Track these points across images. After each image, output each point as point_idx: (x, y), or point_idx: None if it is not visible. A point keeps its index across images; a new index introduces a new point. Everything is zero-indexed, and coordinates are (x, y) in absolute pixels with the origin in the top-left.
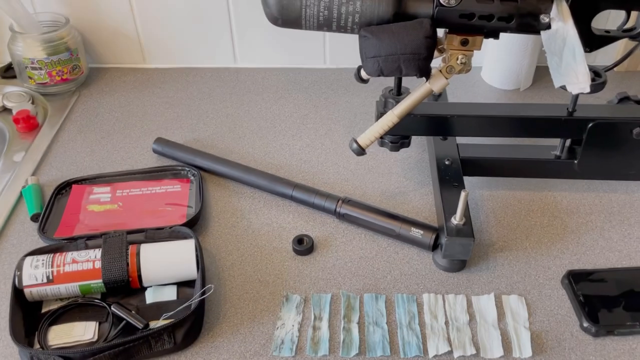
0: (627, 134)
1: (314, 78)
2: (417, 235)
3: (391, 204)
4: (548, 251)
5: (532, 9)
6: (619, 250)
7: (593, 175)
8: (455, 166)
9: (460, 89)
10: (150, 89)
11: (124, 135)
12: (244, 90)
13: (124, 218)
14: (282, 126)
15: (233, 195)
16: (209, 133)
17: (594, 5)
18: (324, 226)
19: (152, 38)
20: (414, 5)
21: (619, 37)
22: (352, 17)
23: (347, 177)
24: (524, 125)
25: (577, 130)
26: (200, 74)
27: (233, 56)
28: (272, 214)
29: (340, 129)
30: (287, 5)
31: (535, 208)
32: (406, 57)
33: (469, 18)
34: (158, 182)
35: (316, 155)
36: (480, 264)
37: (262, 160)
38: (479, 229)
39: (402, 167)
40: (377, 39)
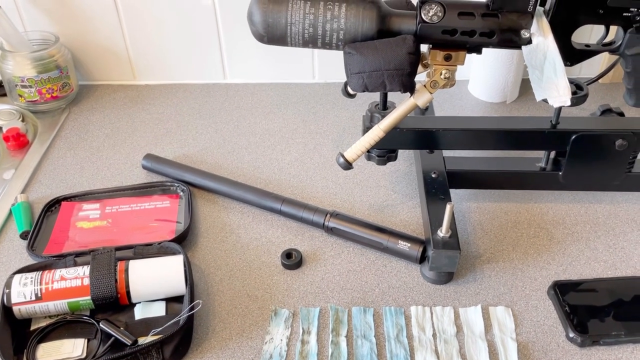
0: (610, 145)
1: (302, 93)
2: (404, 248)
3: (379, 217)
4: (534, 262)
5: (513, 24)
6: (604, 261)
7: (578, 187)
8: (442, 179)
9: (448, 102)
10: (140, 106)
11: (113, 152)
12: (233, 106)
13: (113, 234)
14: (271, 141)
15: (222, 210)
16: (198, 148)
17: (573, 20)
18: (312, 240)
19: (142, 55)
20: (398, 22)
21: (599, 51)
22: (336, 34)
23: (335, 191)
24: (509, 138)
25: (560, 142)
26: (189, 90)
27: (222, 72)
28: (261, 229)
29: (329, 143)
30: (272, 24)
31: (522, 219)
32: (390, 73)
33: (452, 34)
34: (147, 198)
35: (305, 170)
36: (467, 276)
37: (251, 175)
38: (466, 241)
39: (389, 180)
40: (361, 56)
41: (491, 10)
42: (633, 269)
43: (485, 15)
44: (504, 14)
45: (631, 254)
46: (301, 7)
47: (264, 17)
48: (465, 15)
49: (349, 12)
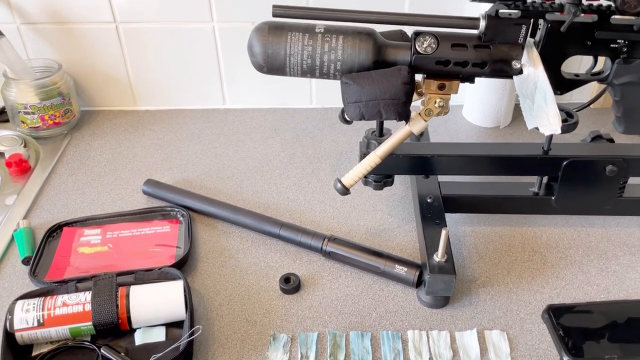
0: (601, 171)
1: (300, 118)
2: (401, 273)
3: (376, 241)
4: (529, 286)
5: (504, 55)
6: (597, 284)
7: (570, 211)
8: (437, 204)
9: (443, 126)
10: (140, 131)
11: (114, 177)
12: (232, 131)
13: (114, 260)
14: (269, 165)
15: (221, 235)
16: (198, 173)
17: (562, 51)
18: (310, 264)
19: (143, 81)
20: (393, 53)
21: (588, 80)
22: (334, 65)
23: (333, 215)
24: (502, 164)
25: (552, 168)
26: (189, 116)
27: (222, 97)
28: (260, 253)
29: (327, 167)
30: (272, 55)
31: (516, 243)
32: (386, 102)
33: (445, 64)
34: (148, 223)
35: (303, 194)
36: (463, 300)
37: (250, 200)
38: (462, 265)
39: (386, 205)
40: (358, 86)
41: (483, 42)
42: (625, 292)
43: (478, 46)
44: (496, 46)
45: (623, 277)
46: (300, 39)
47: (263, 48)
48: (458, 46)
49: (346, 44)
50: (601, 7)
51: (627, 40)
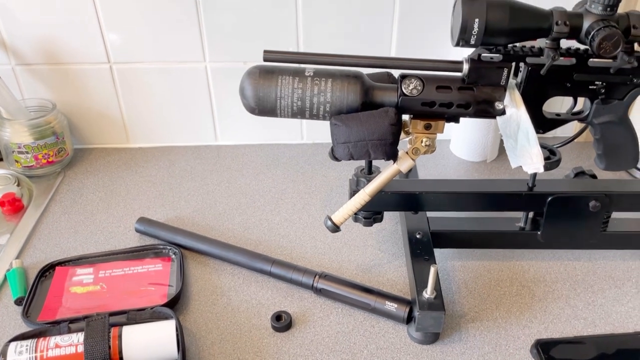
0: (584, 206)
1: (291, 153)
2: (391, 309)
3: (367, 277)
4: (517, 320)
5: (487, 97)
6: (584, 318)
7: (556, 245)
8: (426, 240)
9: (431, 161)
10: (133, 168)
11: (107, 215)
12: (224, 167)
13: (107, 299)
14: (261, 202)
15: (213, 273)
16: (190, 210)
17: (543, 93)
18: (302, 301)
19: (136, 119)
20: (380, 95)
21: (569, 119)
22: (323, 107)
23: (324, 251)
24: (488, 200)
25: (537, 204)
26: (182, 152)
27: (214, 134)
28: (251, 291)
29: (317, 203)
30: (263, 98)
31: (504, 277)
32: (374, 143)
33: (430, 106)
34: (140, 261)
35: (294, 230)
36: (453, 336)
37: (242, 236)
38: (451, 300)
39: (376, 240)
40: (347, 127)
41: (467, 84)
42: (612, 325)
43: (461, 88)
44: (479, 88)
45: (610, 310)
46: (290, 82)
47: (255, 91)
48: (442, 88)
49: (334, 87)
50: (579, 50)
51: (604, 82)
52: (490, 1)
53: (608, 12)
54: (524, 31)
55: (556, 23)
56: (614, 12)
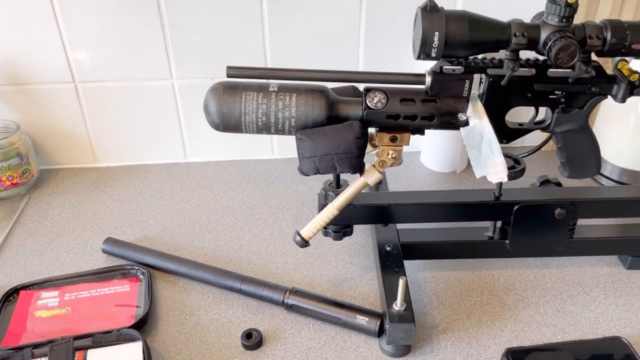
0: (550, 214)
1: (262, 169)
2: (362, 323)
3: (338, 291)
4: (488, 330)
5: (450, 108)
6: (554, 325)
7: (524, 254)
8: (396, 252)
9: (402, 173)
10: (101, 188)
11: (73, 236)
12: (194, 185)
13: (73, 322)
14: (231, 218)
15: (182, 292)
16: (159, 229)
17: (505, 103)
18: (272, 318)
19: (103, 138)
20: (345, 109)
21: (531, 129)
22: (288, 122)
23: (295, 266)
24: (457, 211)
25: (504, 213)
26: (151, 171)
27: (183, 151)
28: (222, 309)
29: (289, 218)
30: (227, 114)
31: (475, 287)
32: (339, 157)
33: (395, 118)
34: (107, 282)
35: (265, 246)
36: (424, 347)
37: (212, 254)
38: (422, 312)
39: (348, 254)
40: (312, 141)
41: (430, 96)
42: (581, 332)
43: (425, 100)
44: (442, 99)
45: (578, 317)
46: (254, 97)
47: (218, 107)
48: (406, 101)
49: (299, 101)
50: (538, 61)
51: (564, 91)
52: (450, 14)
53: (564, 23)
54: (483, 43)
55: (514, 35)
56: (570, 23)
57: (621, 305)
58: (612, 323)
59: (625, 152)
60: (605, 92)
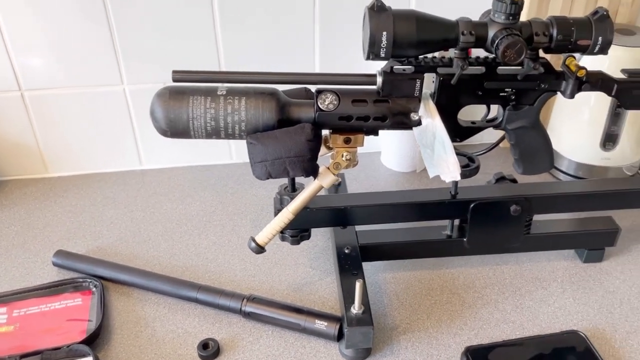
0: (506, 211)
1: (220, 174)
2: (321, 327)
3: (298, 296)
4: (448, 329)
5: (402, 108)
6: (513, 321)
7: (482, 251)
8: (355, 254)
9: (362, 173)
10: (52, 199)
11: (23, 250)
12: (149, 192)
13: (21, 340)
14: (188, 226)
15: (137, 303)
16: (112, 240)
17: (456, 102)
18: (230, 327)
19: (54, 147)
20: (297, 111)
21: (484, 127)
22: (238, 126)
23: (254, 273)
24: (414, 210)
25: (461, 211)
26: (104, 179)
27: (138, 158)
28: (177, 319)
29: (247, 224)
30: (174, 119)
31: (435, 286)
32: (291, 160)
33: (348, 120)
34: (58, 297)
35: (223, 253)
36: (384, 350)
37: (168, 264)
38: (383, 313)
39: (308, 257)
40: (263, 145)
41: (382, 97)
42: (539, 327)
43: (377, 101)
44: (394, 100)
45: (537, 312)
46: (202, 102)
47: (165, 113)
48: (358, 102)
49: (248, 105)
50: (487, 59)
51: (514, 88)
52: (397, 14)
53: (511, 20)
54: (431, 42)
55: (462, 33)
56: (516, 20)
57: (578, 298)
58: (569, 317)
59: (580, 147)
60: (554, 89)
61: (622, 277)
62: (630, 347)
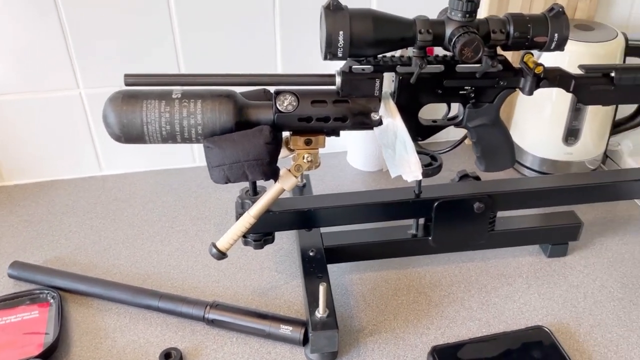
0: (470, 208)
1: (183, 178)
2: (286, 332)
3: (263, 301)
4: (415, 329)
5: (362, 108)
6: (479, 319)
7: (447, 249)
8: (320, 256)
9: (329, 174)
10: (8, 208)
11: None
12: (110, 199)
13: None
14: (150, 232)
15: (96, 314)
16: (71, 249)
17: (416, 101)
18: (193, 335)
19: (10, 155)
20: (255, 113)
21: (445, 125)
22: (194, 130)
23: (218, 278)
24: (379, 211)
25: (425, 210)
26: (63, 187)
27: (97, 164)
28: (139, 329)
29: (211, 228)
30: (127, 124)
31: (402, 286)
32: (250, 164)
33: (307, 121)
34: (13, 310)
35: (186, 259)
36: (351, 352)
37: (129, 272)
38: (349, 315)
39: (273, 261)
40: (220, 149)
41: (341, 97)
42: (505, 324)
43: (337, 101)
44: (354, 100)
45: (502, 308)
46: (156, 106)
47: (118, 118)
48: (318, 103)
49: (204, 108)
50: (446, 57)
51: (473, 86)
52: (354, 13)
53: (467, 18)
54: (389, 41)
55: (419, 32)
56: (473, 18)
57: (543, 294)
58: (534, 312)
59: (543, 142)
60: (513, 86)
61: (585, 271)
62: (594, 341)
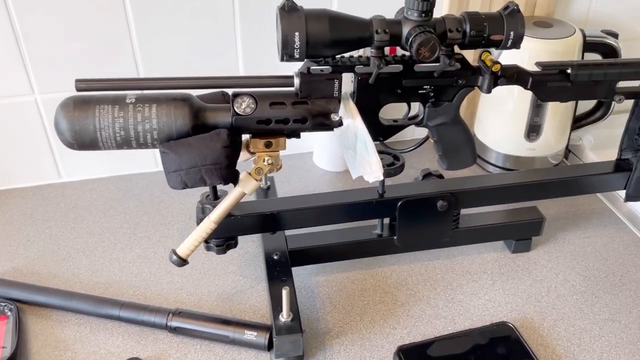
0: (433, 207)
1: (145, 183)
2: (250, 338)
3: (228, 306)
4: (381, 329)
5: (322, 109)
6: (445, 317)
7: (413, 248)
8: (284, 259)
9: (295, 175)
10: None
11: None
12: (70, 206)
13: None
14: (111, 239)
15: (56, 326)
16: (29, 259)
17: (376, 101)
18: (156, 343)
19: None
20: (212, 116)
21: (406, 125)
22: (150, 135)
23: (181, 285)
24: (343, 211)
25: (389, 209)
26: (21, 195)
27: (56, 171)
28: (100, 340)
29: (175, 234)
30: (80, 131)
31: (368, 286)
32: (207, 168)
33: (267, 123)
34: None
35: (148, 266)
36: (317, 355)
37: (89, 281)
38: (315, 318)
39: (238, 265)
40: (176, 154)
41: (300, 99)
42: (470, 320)
43: (296, 103)
44: (313, 101)
45: (468, 305)
46: (109, 111)
47: (70, 125)
48: (276, 104)
49: (160, 112)
50: (405, 57)
51: (432, 85)
52: (309, 13)
53: (424, 17)
54: (345, 42)
55: (376, 32)
56: (429, 17)
57: (507, 289)
58: (499, 308)
59: (506, 139)
60: (471, 84)
61: (549, 266)
62: (558, 335)
